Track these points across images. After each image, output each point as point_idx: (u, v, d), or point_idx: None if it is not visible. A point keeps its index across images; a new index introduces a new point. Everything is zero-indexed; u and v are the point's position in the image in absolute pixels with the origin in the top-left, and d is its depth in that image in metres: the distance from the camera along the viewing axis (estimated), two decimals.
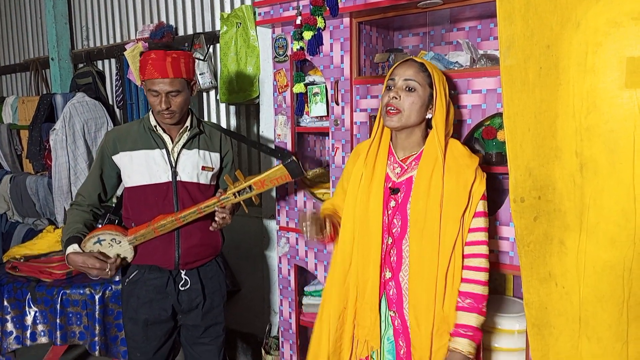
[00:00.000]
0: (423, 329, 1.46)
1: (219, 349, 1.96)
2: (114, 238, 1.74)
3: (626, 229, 1.24)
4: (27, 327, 2.34)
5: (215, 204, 1.74)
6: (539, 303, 1.40)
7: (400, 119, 1.47)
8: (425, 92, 1.48)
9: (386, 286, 1.54)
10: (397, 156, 1.55)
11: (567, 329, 1.37)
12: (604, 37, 1.20)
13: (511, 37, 1.32)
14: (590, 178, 1.27)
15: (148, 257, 1.81)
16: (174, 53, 1.71)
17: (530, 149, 1.34)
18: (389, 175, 1.54)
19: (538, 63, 1.30)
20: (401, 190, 1.51)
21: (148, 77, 1.69)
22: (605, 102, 1.22)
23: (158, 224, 1.73)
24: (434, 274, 1.44)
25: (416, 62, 1.50)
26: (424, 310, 1.45)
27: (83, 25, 3.98)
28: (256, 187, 1.73)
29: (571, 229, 1.32)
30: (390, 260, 1.52)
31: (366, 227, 1.52)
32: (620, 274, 1.27)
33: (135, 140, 1.80)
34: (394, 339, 1.54)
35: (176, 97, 1.72)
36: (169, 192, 1.79)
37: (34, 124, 3.77)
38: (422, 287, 1.45)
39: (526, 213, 1.37)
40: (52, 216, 3.76)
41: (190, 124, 1.83)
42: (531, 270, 1.39)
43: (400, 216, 1.50)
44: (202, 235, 1.84)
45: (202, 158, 1.84)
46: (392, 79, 1.50)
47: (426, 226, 1.45)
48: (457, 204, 1.44)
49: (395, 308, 1.53)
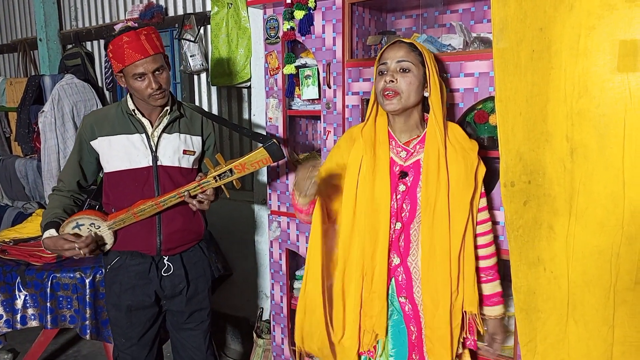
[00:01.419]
0: (441, 308, 1.46)
1: (204, 334, 1.96)
2: (92, 222, 1.73)
3: (615, 213, 1.25)
4: (17, 310, 2.34)
5: (195, 188, 1.72)
6: (527, 287, 1.41)
7: (400, 101, 1.44)
8: (420, 71, 1.46)
9: (394, 272, 1.52)
10: (400, 140, 1.52)
11: (554, 313, 1.38)
12: (597, 19, 1.19)
13: (504, 19, 1.31)
14: (580, 163, 1.27)
15: (129, 243, 1.80)
16: (144, 30, 1.65)
17: (521, 133, 1.34)
18: (393, 159, 1.50)
19: (531, 46, 1.29)
20: (410, 174, 1.48)
21: (130, 61, 1.63)
22: (596, 86, 1.21)
23: (137, 208, 1.72)
24: (447, 256, 1.45)
25: (405, 43, 1.47)
26: (440, 291, 1.46)
27: (72, 5, 3.90)
28: (237, 170, 1.71)
29: (560, 214, 1.32)
30: (399, 245, 1.50)
31: (373, 213, 1.48)
32: (608, 259, 1.28)
33: (113, 124, 1.76)
34: (405, 325, 1.53)
35: (162, 73, 1.69)
36: (150, 177, 1.77)
37: (22, 106, 3.71)
38: (437, 270, 1.46)
39: (516, 197, 1.38)
40: (41, 199, 3.73)
41: (170, 107, 1.79)
42: (520, 255, 1.40)
43: (409, 200, 1.48)
44: (184, 220, 1.82)
45: (183, 142, 1.81)
46: (384, 62, 1.47)
47: (436, 209, 1.44)
48: (465, 188, 1.44)
49: (405, 294, 1.52)
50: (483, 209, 1.53)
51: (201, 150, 1.89)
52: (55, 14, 3.94)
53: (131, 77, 1.67)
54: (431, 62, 1.46)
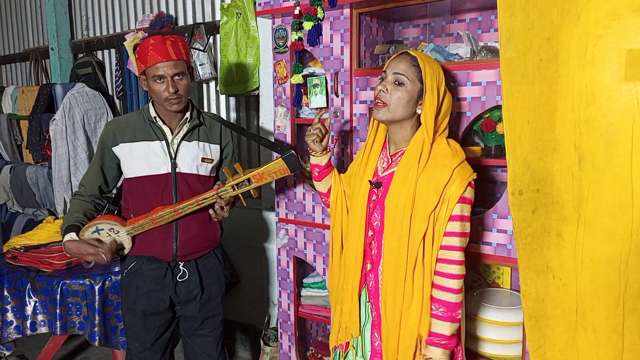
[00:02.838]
0: (390, 323, 1.47)
1: (217, 340, 1.97)
2: (112, 227, 1.75)
3: (623, 222, 1.25)
4: (27, 317, 2.36)
5: (213, 197, 1.74)
6: (536, 295, 1.40)
7: (386, 113, 1.47)
8: (415, 87, 1.46)
9: (367, 278, 1.57)
10: (389, 151, 1.56)
11: (563, 321, 1.38)
12: (604, 29, 1.20)
13: (511, 28, 1.32)
14: (588, 171, 1.27)
15: (146, 248, 1.82)
16: (171, 37, 1.71)
17: (528, 141, 1.34)
18: (377, 169, 1.57)
19: (538, 55, 1.29)
20: (383, 185, 1.52)
21: (151, 62, 1.67)
22: (604, 95, 1.22)
23: (156, 215, 1.74)
24: (402, 272, 1.44)
25: (409, 56, 1.47)
26: (391, 306, 1.47)
27: (83, 15, 3.96)
28: (255, 180, 1.73)
29: (569, 222, 1.32)
30: (372, 253, 1.55)
31: (353, 218, 1.57)
32: (617, 267, 1.28)
33: (134, 131, 1.80)
34: (370, 331, 1.57)
35: (181, 79, 1.72)
36: (168, 184, 1.79)
37: (33, 114, 3.76)
38: (392, 283, 1.46)
39: (524, 206, 1.38)
40: (52, 207, 3.76)
41: (190, 115, 1.82)
42: (529, 263, 1.40)
43: (379, 210, 1.52)
44: (201, 227, 1.84)
45: (201, 150, 1.84)
46: (385, 71, 1.51)
47: (396, 222, 1.45)
48: (425, 203, 1.42)
49: (372, 300, 1.55)
50: (450, 234, 1.42)
51: (219, 158, 1.91)
52: (67, 24, 4.00)
53: (151, 78, 1.71)
54: (433, 80, 1.44)
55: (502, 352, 1.75)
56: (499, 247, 1.69)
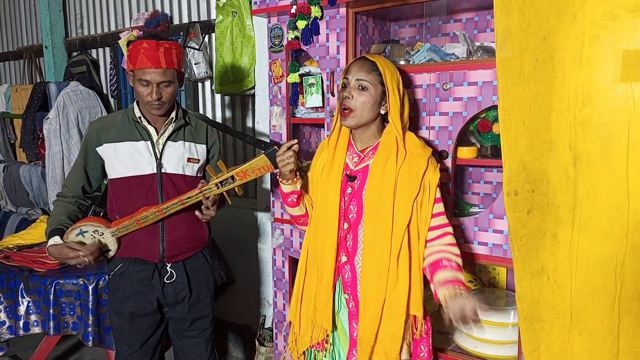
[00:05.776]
0: (369, 312, 1.51)
1: (207, 342, 1.96)
2: (96, 229, 1.73)
3: (619, 223, 1.24)
4: (20, 317, 2.34)
5: (197, 195, 1.73)
6: (531, 297, 1.40)
7: (354, 118, 1.55)
8: (377, 90, 1.54)
9: (342, 270, 1.60)
10: (356, 147, 1.63)
11: (558, 323, 1.37)
12: (600, 29, 1.19)
13: (507, 28, 1.31)
14: (583, 172, 1.27)
15: (133, 250, 1.80)
16: (166, 43, 1.69)
17: (524, 142, 1.34)
18: (347, 164, 1.61)
19: (534, 55, 1.29)
20: (358, 178, 1.57)
21: (139, 66, 1.66)
22: (600, 96, 1.21)
23: (140, 215, 1.72)
24: (386, 258, 1.50)
25: (368, 61, 1.54)
26: (374, 295, 1.51)
27: (77, 13, 3.94)
28: (239, 177, 1.72)
29: (564, 223, 1.32)
30: (347, 245, 1.59)
31: (324, 213, 1.59)
32: (612, 268, 1.27)
33: (119, 131, 1.78)
34: (348, 321, 1.60)
35: (167, 87, 1.71)
36: (154, 184, 1.78)
37: (27, 113, 3.73)
38: (374, 272, 1.51)
39: (519, 206, 1.37)
40: (45, 206, 3.74)
41: (175, 115, 1.80)
42: (524, 264, 1.39)
43: (356, 202, 1.57)
44: (188, 227, 1.83)
45: (187, 150, 1.82)
46: (347, 77, 1.56)
47: (379, 212, 1.51)
48: (408, 191, 1.50)
49: (349, 291, 1.59)
50: (438, 215, 1.54)
51: (206, 158, 1.90)
52: (61, 22, 3.97)
53: (137, 80, 1.70)
54: (393, 81, 1.53)
55: (498, 353, 1.74)
56: (495, 248, 1.69)
